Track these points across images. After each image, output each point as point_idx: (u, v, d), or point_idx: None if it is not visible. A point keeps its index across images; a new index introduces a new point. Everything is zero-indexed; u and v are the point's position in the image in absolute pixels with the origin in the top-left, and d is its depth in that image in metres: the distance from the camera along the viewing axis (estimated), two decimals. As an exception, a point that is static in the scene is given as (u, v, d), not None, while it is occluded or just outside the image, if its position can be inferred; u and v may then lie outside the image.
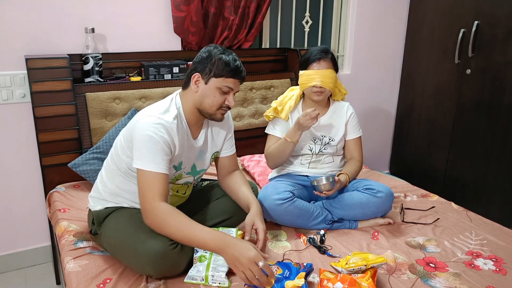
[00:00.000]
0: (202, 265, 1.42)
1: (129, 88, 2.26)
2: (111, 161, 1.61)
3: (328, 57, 1.91)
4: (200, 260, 1.43)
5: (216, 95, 1.52)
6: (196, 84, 1.52)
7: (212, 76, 1.50)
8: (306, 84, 1.92)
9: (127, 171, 1.54)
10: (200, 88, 1.52)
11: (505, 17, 2.57)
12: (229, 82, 1.51)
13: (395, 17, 3.23)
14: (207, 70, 1.50)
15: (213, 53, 1.51)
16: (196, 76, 1.52)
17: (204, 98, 1.52)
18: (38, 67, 2.01)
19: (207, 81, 1.51)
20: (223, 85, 1.51)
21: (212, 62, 1.49)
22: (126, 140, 1.50)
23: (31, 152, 2.25)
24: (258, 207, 1.60)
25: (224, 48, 1.55)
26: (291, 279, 1.36)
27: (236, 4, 2.56)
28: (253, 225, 1.54)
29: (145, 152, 1.40)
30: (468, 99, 2.88)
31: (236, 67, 1.51)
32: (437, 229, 1.83)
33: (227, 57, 1.50)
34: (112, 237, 1.51)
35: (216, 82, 1.50)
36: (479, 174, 2.86)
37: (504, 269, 1.54)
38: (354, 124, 2.05)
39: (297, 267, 1.44)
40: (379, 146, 3.54)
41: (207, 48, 1.55)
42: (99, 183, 1.65)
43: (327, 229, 1.80)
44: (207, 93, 1.52)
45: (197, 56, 1.55)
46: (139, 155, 1.42)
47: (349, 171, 1.93)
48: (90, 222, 1.64)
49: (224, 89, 1.52)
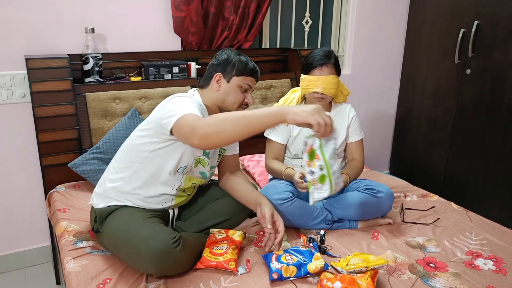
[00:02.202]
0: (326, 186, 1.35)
1: (129, 88, 2.27)
2: (125, 159, 1.61)
3: (330, 63, 1.88)
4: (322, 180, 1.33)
5: (237, 93, 1.64)
6: (218, 83, 1.64)
7: (234, 75, 1.63)
8: (308, 89, 1.91)
9: (148, 156, 1.55)
10: (222, 87, 1.64)
11: (505, 17, 2.57)
12: (248, 81, 1.65)
13: (395, 17, 3.23)
14: (229, 70, 1.63)
15: (232, 55, 1.65)
16: (218, 76, 1.63)
17: (227, 96, 1.64)
18: (38, 67, 2.01)
19: (229, 79, 1.63)
20: (244, 83, 1.64)
21: (232, 62, 1.63)
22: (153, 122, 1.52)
23: (31, 152, 2.25)
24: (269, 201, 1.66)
25: (238, 52, 1.69)
26: (309, 262, 1.44)
27: (236, 4, 2.56)
28: (273, 215, 1.57)
29: (177, 107, 1.43)
30: (468, 99, 2.88)
31: (253, 67, 1.67)
32: (437, 229, 1.83)
33: (245, 58, 1.66)
34: (114, 235, 1.51)
35: (238, 80, 1.63)
36: (479, 174, 2.86)
37: (504, 269, 1.54)
38: (355, 127, 2.04)
39: (308, 249, 1.52)
40: (379, 146, 3.54)
41: (224, 51, 1.68)
42: (107, 182, 1.64)
43: (327, 229, 1.80)
44: (229, 91, 1.64)
45: (215, 59, 1.68)
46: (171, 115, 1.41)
47: (350, 171, 1.93)
48: (92, 220, 1.64)
49: (244, 87, 1.65)
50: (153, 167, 1.57)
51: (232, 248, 1.52)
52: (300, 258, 1.47)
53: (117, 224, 1.52)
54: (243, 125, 1.27)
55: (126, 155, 1.62)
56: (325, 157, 1.28)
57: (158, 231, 1.42)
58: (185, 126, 1.35)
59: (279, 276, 1.40)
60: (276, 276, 1.40)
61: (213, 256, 1.49)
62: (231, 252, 1.50)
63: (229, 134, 1.28)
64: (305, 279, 1.43)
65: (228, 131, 1.27)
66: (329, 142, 1.30)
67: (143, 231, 1.43)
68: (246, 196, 1.71)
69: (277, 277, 1.40)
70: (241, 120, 1.27)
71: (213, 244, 1.54)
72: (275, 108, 1.29)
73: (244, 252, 1.61)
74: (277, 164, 1.95)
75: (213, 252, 1.50)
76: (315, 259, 1.47)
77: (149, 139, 1.55)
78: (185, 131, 1.35)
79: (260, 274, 1.46)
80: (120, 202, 1.59)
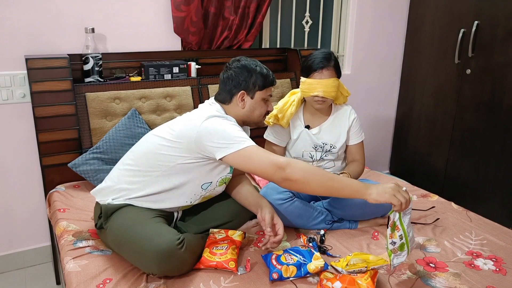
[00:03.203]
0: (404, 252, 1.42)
1: (129, 88, 2.27)
2: (146, 164, 1.58)
3: (330, 65, 1.87)
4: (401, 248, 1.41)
5: (262, 106, 1.67)
6: (242, 101, 1.63)
7: (257, 90, 1.63)
8: (308, 93, 1.90)
9: (173, 167, 1.55)
10: (247, 104, 1.64)
11: (505, 17, 2.57)
12: (269, 91, 1.68)
13: (395, 17, 3.23)
14: (251, 86, 1.63)
15: (251, 68, 1.63)
16: (242, 94, 1.62)
17: (253, 111, 1.66)
18: (38, 67, 2.01)
19: (253, 95, 1.64)
20: (266, 95, 1.67)
21: (253, 77, 1.62)
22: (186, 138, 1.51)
23: (31, 152, 2.25)
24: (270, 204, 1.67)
25: (251, 58, 1.67)
26: (309, 262, 1.45)
27: (236, 4, 2.56)
28: (273, 219, 1.58)
29: (231, 135, 1.46)
30: (468, 99, 2.88)
31: (271, 75, 1.67)
32: (437, 229, 1.83)
33: (261, 68, 1.64)
34: (118, 232, 1.51)
35: (261, 94, 1.65)
36: (479, 174, 2.86)
37: (504, 269, 1.53)
38: (356, 130, 2.03)
39: (307, 249, 1.52)
40: (379, 146, 3.54)
41: (240, 63, 1.64)
42: (124, 183, 1.60)
43: (327, 229, 1.80)
44: (255, 106, 1.65)
45: (231, 74, 1.63)
46: (226, 144, 1.45)
47: (351, 171, 1.93)
48: (96, 216, 1.63)
49: (267, 98, 1.68)
50: (177, 180, 1.56)
51: (232, 248, 1.52)
52: (300, 258, 1.47)
53: (122, 222, 1.52)
54: (326, 188, 1.42)
55: (148, 161, 1.58)
56: (403, 228, 1.39)
57: (163, 231, 1.43)
58: (263, 163, 1.43)
59: (279, 276, 1.40)
60: (276, 276, 1.40)
61: (213, 256, 1.49)
62: (231, 252, 1.50)
63: (311, 188, 1.42)
64: (305, 279, 1.43)
65: (312, 185, 1.41)
66: (406, 213, 1.39)
67: (148, 230, 1.44)
68: (248, 198, 1.71)
69: (277, 277, 1.40)
70: (327, 182, 1.41)
71: (213, 244, 1.54)
72: (359, 185, 1.41)
73: (244, 252, 1.61)
74: None
75: (213, 252, 1.50)
76: (315, 259, 1.47)
77: (177, 152, 1.53)
78: (262, 167, 1.43)
79: (260, 274, 1.46)
80: (128, 202, 1.59)
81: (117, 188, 1.61)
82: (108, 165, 2.06)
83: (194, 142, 1.49)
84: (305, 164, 1.45)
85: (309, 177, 1.40)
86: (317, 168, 1.45)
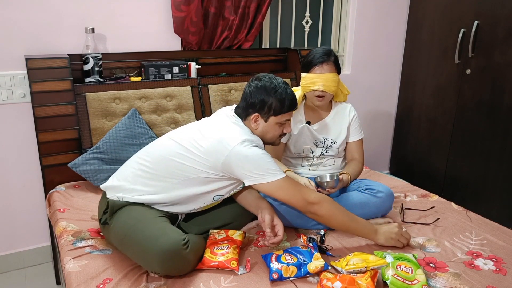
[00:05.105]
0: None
1: (129, 88, 2.26)
2: (165, 171, 1.57)
3: (330, 60, 1.89)
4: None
5: (276, 129, 1.64)
6: (255, 122, 1.62)
7: (272, 115, 1.60)
8: (308, 87, 1.91)
9: (192, 178, 1.55)
10: (260, 126, 1.62)
11: (505, 17, 2.57)
12: (286, 116, 1.64)
13: (395, 17, 3.23)
14: (266, 110, 1.59)
15: (269, 91, 1.58)
16: (255, 117, 1.61)
17: (266, 134, 1.64)
18: (38, 67, 2.01)
19: (267, 119, 1.61)
20: (282, 120, 1.63)
21: (269, 101, 1.58)
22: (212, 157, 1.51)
23: (31, 152, 2.25)
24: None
25: (275, 80, 1.61)
26: (309, 262, 1.45)
27: (236, 4, 2.56)
28: (273, 220, 1.60)
29: (264, 167, 1.51)
30: (468, 99, 2.88)
31: (291, 101, 1.61)
32: (437, 229, 1.83)
33: (282, 93, 1.58)
34: (122, 229, 1.50)
35: (276, 119, 1.62)
36: (479, 174, 2.86)
37: (504, 269, 1.53)
38: (356, 127, 2.04)
39: (307, 249, 1.52)
40: (379, 146, 3.54)
41: (259, 83, 1.60)
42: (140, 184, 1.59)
43: (327, 229, 1.80)
44: (268, 130, 1.63)
45: (250, 92, 1.60)
46: (259, 174, 1.50)
47: (351, 171, 1.93)
48: (101, 211, 1.61)
49: (282, 122, 1.64)
50: (194, 189, 1.57)
51: (233, 247, 1.52)
52: (300, 258, 1.47)
53: (127, 219, 1.52)
54: (345, 227, 1.62)
55: (167, 168, 1.56)
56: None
57: (168, 230, 1.43)
58: (295, 196, 1.54)
59: (279, 276, 1.40)
60: (276, 276, 1.40)
61: (214, 256, 1.49)
62: (232, 252, 1.50)
63: (332, 224, 1.62)
64: (305, 279, 1.43)
65: (333, 223, 1.61)
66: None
67: (153, 229, 1.44)
68: (248, 200, 1.72)
69: (277, 277, 1.40)
70: (346, 223, 1.60)
71: (214, 245, 1.54)
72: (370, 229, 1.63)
73: (244, 252, 1.61)
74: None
75: (214, 252, 1.50)
76: (315, 259, 1.47)
77: (202, 167, 1.53)
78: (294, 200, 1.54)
79: (260, 274, 1.46)
80: (138, 201, 1.58)
81: (130, 188, 1.60)
82: (108, 165, 2.06)
83: (222, 164, 1.50)
84: (332, 203, 1.58)
85: (333, 216, 1.58)
86: (341, 208, 1.60)
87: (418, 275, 1.41)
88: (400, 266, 1.43)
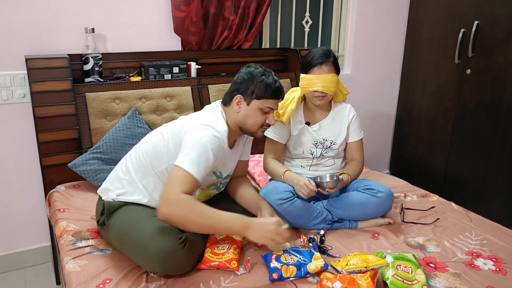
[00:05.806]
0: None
1: (129, 88, 2.27)
2: (144, 159, 1.60)
3: (329, 61, 1.89)
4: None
5: (258, 116, 1.60)
6: (238, 105, 1.60)
7: (254, 98, 1.58)
8: (307, 88, 1.91)
9: (163, 172, 1.56)
10: (242, 109, 1.60)
11: (505, 17, 2.57)
12: (270, 103, 1.60)
13: (395, 17, 3.23)
14: (249, 92, 1.58)
15: (255, 75, 1.58)
16: (238, 98, 1.59)
17: (247, 119, 1.60)
18: (38, 67, 2.01)
19: (249, 102, 1.59)
20: (264, 106, 1.59)
21: (254, 84, 1.57)
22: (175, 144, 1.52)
23: (31, 152, 2.25)
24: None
25: (264, 68, 1.62)
26: (309, 262, 1.45)
27: (236, 4, 2.56)
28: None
29: (194, 156, 1.43)
30: (468, 99, 2.88)
31: (276, 89, 1.59)
32: (437, 229, 1.83)
33: (268, 79, 1.58)
34: (120, 229, 1.51)
35: (258, 104, 1.58)
36: (479, 174, 2.86)
37: (504, 269, 1.53)
38: (356, 127, 2.04)
39: (307, 249, 1.52)
40: (379, 146, 3.54)
41: (248, 69, 1.62)
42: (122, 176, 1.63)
43: (327, 229, 1.80)
44: (249, 114, 1.59)
45: (238, 77, 1.62)
46: (185, 156, 1.44)
47: (350, 171, 1.93)
48: (98, 213, 1.63)
49: (265, 110, 1.60)
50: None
51: (233, 247, 1.52)
52: (300, 258, 1.48)
53: (125, 219, 1.52)
54: (206, 227, 1.40)
55: (147, 160, 1.60)
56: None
57: (165, 230, 1.43)
58: (171, 183, 1.39)
59: (279, 276, 1.40)
60: (276, 276, 1.40)
61: (214, 256, 1.49)
62: (232, 252, 1.50)
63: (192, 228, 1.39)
64: (305, 279, 1.43)
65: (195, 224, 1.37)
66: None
67: (150, 228, 1.44)
68: (248, 200, 1.72)
69: (277, 277, 1.40)
70: (205, 222, 1.37)
71: (214, 245, 1.54)
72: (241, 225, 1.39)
73: (244, 252, 1.61)
74: (276, 165, 1.94)
75: (215, 252, 1.50)
76: (315, 259, 1.47)
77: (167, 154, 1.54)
78: (166, 189, 1.39)
79: (260, 274, 1.46)
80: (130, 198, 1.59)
81: (120, 189, 1.62)
82: (108, 165, 2.06)
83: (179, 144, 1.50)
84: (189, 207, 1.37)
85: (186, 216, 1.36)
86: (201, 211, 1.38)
87: (418, 275, 1.41)
88: (400, 266, 1.43)
